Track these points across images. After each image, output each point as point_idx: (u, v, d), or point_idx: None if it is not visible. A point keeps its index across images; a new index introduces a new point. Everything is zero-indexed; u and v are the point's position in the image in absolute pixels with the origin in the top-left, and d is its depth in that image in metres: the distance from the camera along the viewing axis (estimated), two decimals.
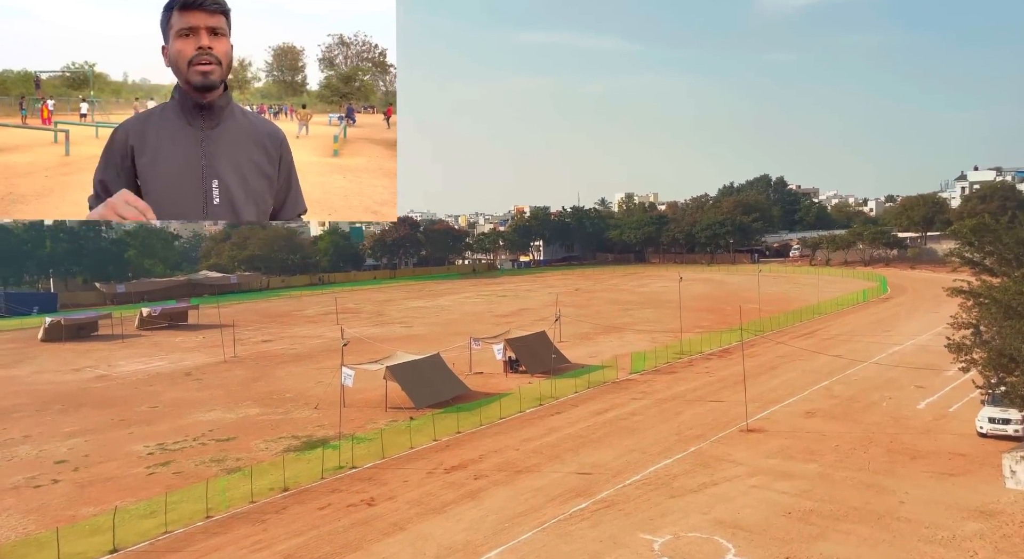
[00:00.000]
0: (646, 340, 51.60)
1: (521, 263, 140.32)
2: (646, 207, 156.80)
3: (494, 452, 27.36)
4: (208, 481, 24.05)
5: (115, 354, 51.22)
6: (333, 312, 69.14)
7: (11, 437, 30.89)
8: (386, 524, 20.89)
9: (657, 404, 34.11)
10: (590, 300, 78.30)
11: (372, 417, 32.69)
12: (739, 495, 22.29)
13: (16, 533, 20.85)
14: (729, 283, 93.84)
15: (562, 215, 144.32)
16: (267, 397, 37.38)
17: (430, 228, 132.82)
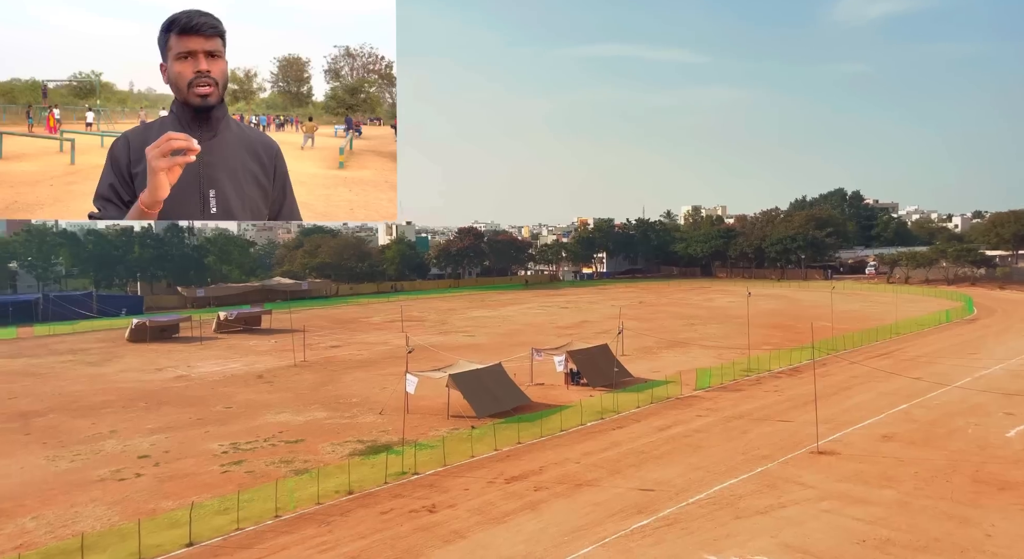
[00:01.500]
0: (712, 356, 50.44)
1: (583, 275, 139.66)
2: (713, 220, 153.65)
3: (554, 464, 27.25)
4: (277, 481, 24.85)
5: (194, 355, 53.65)
6: (398, 320, 70.47)
7: (99, 432, 32.72)
8: (447, 532, 21.08)
9: (722, 422, 33.26)
10: (654, 314, 77.17)
11: (434, 424, 33.10)
12: (809, 519, 21.47)
13: (101, 523, 22.05)
14: (800, 300, 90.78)
15: (626, 227, 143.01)
16: (334, 401, 38.37)
17: (493, 238, 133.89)
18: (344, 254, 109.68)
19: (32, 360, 51.60)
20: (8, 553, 19.67)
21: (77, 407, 37.30)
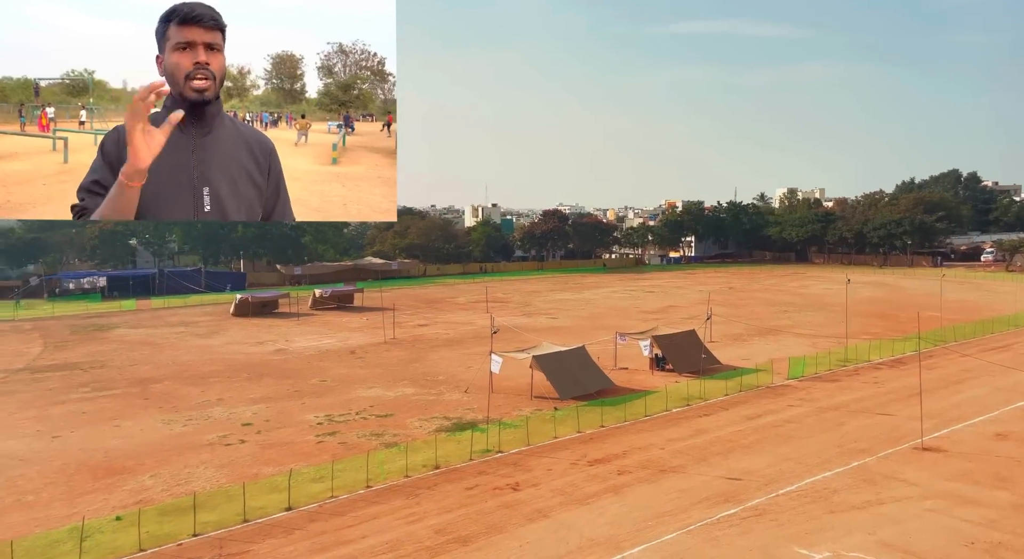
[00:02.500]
0: (806, 345, 48.41)
1: (671, 259, 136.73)
2: (811, 203, 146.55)
3: (638, 449, 27.05)
4: (368, 453, 25.91)
5: (291, 330, 56.42)
6: (483, 301, 71.45)
7: (208, 399, 35.09)
8: (530, 510, 21.38)
9: (816, 413, 31.95)
10: (744, 300, 74.73)
11: (518, 404, 33.50)
12: (911, 518, 20.38)
13: (211, 484, 23.71)
14: (905, 287, 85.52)
15: (717, 210, 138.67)
16: (422, 378, 39.48)
17: (578, 221, 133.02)
18: (431, 235, 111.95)
19: (150, 330, 55.77)
20: (131, 507, 21.51)
21: (188, 375, 40.09)
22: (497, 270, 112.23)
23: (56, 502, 22.19)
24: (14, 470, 24.93)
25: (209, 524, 20.26)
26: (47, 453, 26.80)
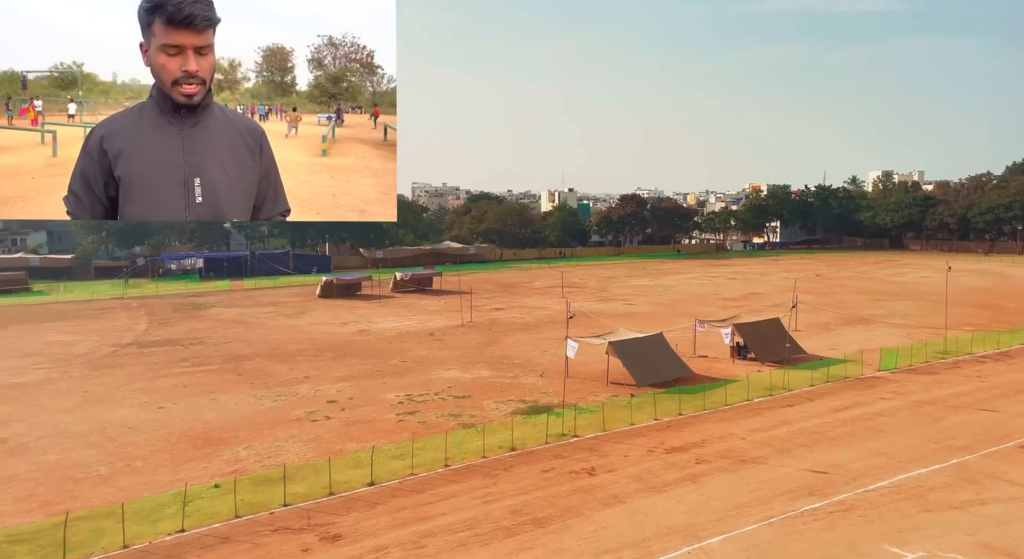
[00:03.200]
0: (899, 335, 45.92)
1: (754, 245, 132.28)
2: (908, 187, 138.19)
3: (718, 438, 26.49)
4: (447, 433, 26.49)
5: (374, 312, 58.17)
6: (559, 285, 71.36)
7: (295, 376, 36.72)
8: (606, 495, 21.36)
9: (911, 407, 30.34)
10: (832, 288, 71.53)
11: (593, 390, 33.39)
12: (1016, 519, 19.12)
13: (300, 458, 24.86)
14: (1014, 276, 79.61)
15: (804, 194, 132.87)
16: (498, 361, 39.93)
17: (657, 206, 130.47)
18: (508, 220, 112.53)
19: (242, 310, 58.76)
20: (227, 476, 22.85)
21: (277, 353, 42.04)
22: (573, 255, 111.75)
23: (161, 468, 23.84)
24: (124, 438, 26.93)
25: (298, 495, 21.28)
26: (153, 423, 28.78)
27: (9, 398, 32.20)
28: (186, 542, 18.57)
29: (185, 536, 18.87)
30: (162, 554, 17.94)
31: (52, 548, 17.91)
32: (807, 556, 17.38)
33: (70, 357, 40.70)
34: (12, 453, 25.21)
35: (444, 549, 18.14)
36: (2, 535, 18.48)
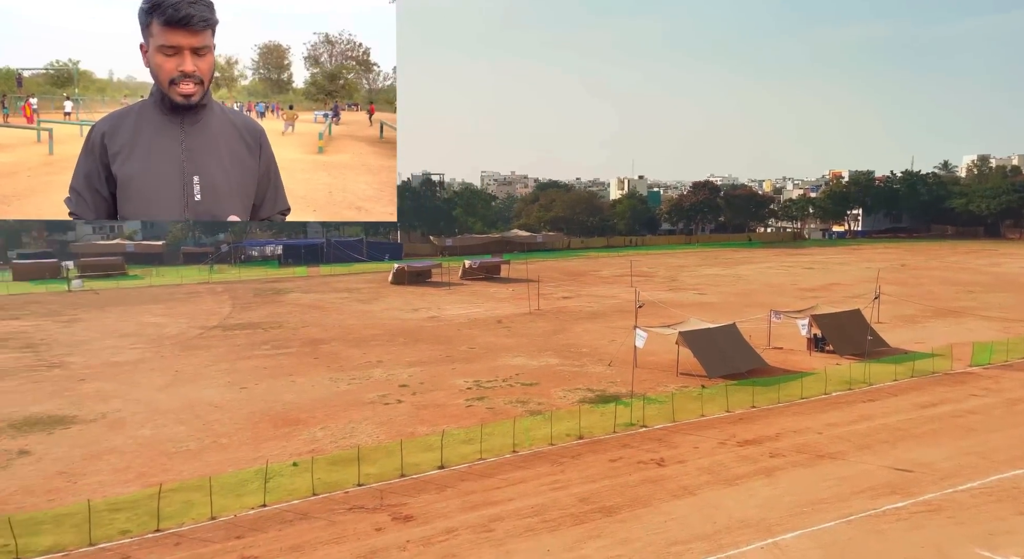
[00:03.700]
0: (994, 329, 43.23)
1: (834, 233, 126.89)
2: (1007, 172, 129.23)
3: (793, 432, 25.71)
4: (515, 419, 26.72)
5: (443, 299, 59.11)
6: (628, 274, 70.54)
7: (369, 361, 37.78)
8: (675, 486, 21.11)
9: (1006, 404, 28.58)
10: (919, 278, 67.91)
11: (662, 380, 32.96)
12: None
13: (372, 440, 25.63)
14: None
15: (889, 180, 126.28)
16: (565, 350, 39.91)
17: (731, 193, 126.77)
18: (576, 209, 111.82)
19: (318, 295, 60.81)
20: (305, 455, 23.81)
21: (352, 338, 43.34)
22: (643, 243, 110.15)
23: (244, 446, 25.05)
24: (211, 415, 28.41)
25: (371, 476, 21.96)
26: (236, 402, 30.25)
27: (109, 375, 34.48)
28: (267, 516, 19.49)
29: (266, 511, 19.81)
30: (246, 527, 18.90)
31: (147, 517, 19.14)
32: (890, 557, 16.71)
33: (162, 338, 43.16)
34: (111, 427, 27.03)
35: (512, 534, 18.37)
36: (103, 503, 19.87)
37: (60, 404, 29.74)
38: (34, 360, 37.43)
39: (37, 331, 45.01)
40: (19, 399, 30.48)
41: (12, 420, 27.61)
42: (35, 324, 47.22)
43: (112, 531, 18.53)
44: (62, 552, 17.54)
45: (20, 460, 23.64)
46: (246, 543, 18.03)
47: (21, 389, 32.05)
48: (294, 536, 18.38)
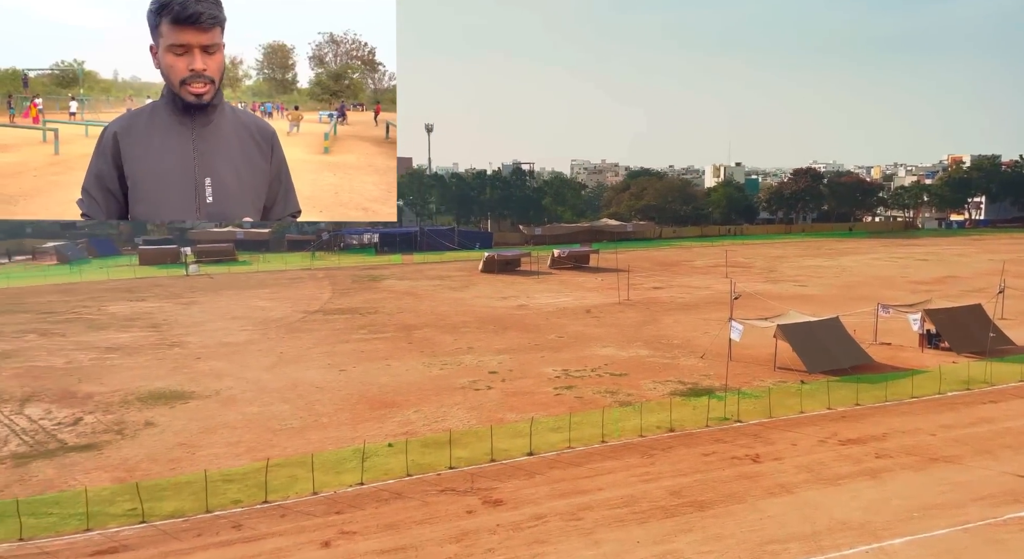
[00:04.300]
0: None
1: (951, 222, 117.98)
2: None
3: (902, 433, 24.24)
4: (604, 410, 26.58)
5: (532, 288, 59.42)
6: (722, 265, 68.41)
7: (459, 347, 38.56)
8: (771, 483, 20.39)
9: None
10: None
11: (758, 374, 31.83)
12: None
13: (463, 424, 26.19)
14: None
15: (1017, 165, 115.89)
16: (655, 341, 39.25)
17: (835, 180, 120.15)
18: (668, 197, 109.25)
19: (412, 283, 62.57)
20: (399, 437, 24.65)
21: (444, 324, 44.35)
22: (739, 233, 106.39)
23: (343, 426, 26.21)
24: (312, 396, 29.89)
25: (462, 459, 22.47)
26: (336, 383, 31.66)
27: (222, 355, 36.91)
28: (364, 494, 20.34)
29: (364, 489, 20.68)
30: (345, 503, 19.81)
31: (256, 489, 20.41)
32: None
33: (268, 321, 45.72)
34: (224, 403, 28.94)
35: (601, 523, 18.34)
36: (217, 474, 21.34)
37: (180, 380, 32.12)
38: (157, 339, 40.57)
39: (160, 312, 48.73)
40: (145, 374, 33.16)
41: (140, 394, 30.09)
42: (158, 306, 51.13)
43: (225, 500, 19.89)
44: (183, 517, 18.99)
45: (146, 431, 25.75)
46: (345, 519, 18.90)
47: (147, 365, 34.85)
48: (389, 514, 19.10)
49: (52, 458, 23.14)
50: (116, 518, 18.90)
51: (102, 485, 20.83)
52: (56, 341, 39.86)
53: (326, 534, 18.06)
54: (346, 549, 17.35)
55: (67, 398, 29.46)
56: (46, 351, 37.57)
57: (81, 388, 30.85)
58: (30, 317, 46.64)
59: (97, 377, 32.61)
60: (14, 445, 24.31)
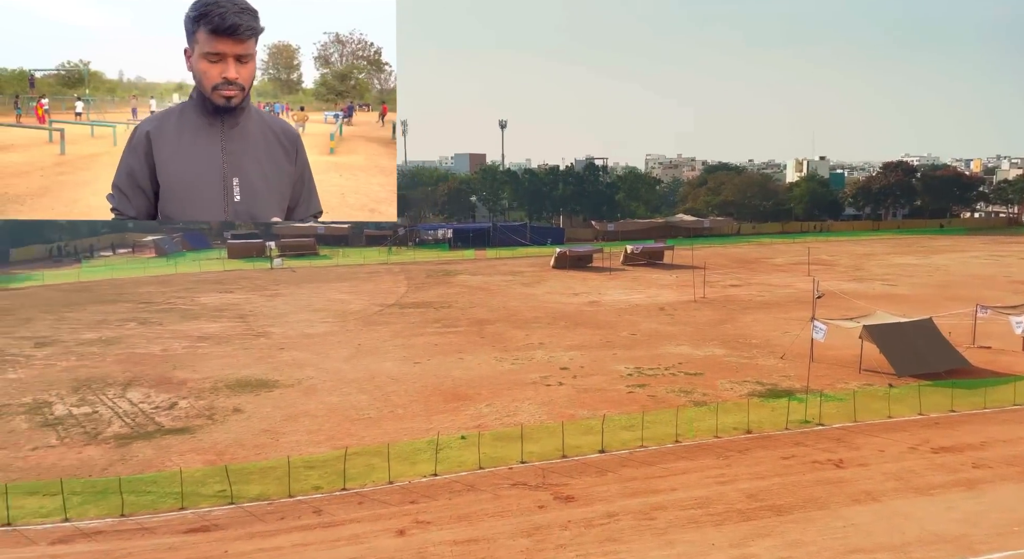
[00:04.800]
0: None
1: None
2: None
3: (1002, 442, 22.74)
4: (678, 409, 26.10)
5: (604, 284, 58.91)
6: (805, 262, 65.83)
7: (531, 342, 38.69)
8: (856, 490, 19.54)
9: None
10: None
11: (843, 376, 30.52)
12: None
13: (533, 419, 26.29)
14: None
15: None
16: (732, 340, 38.22)
17: (929, 174, 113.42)
18: (747, 192, 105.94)
19: (484, 278, 63.19)
20: (471, 430, 24.98)
21: (515, 320, 44.59)
22: (823, 229, 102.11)
23: (417, 417, 26.79)
24: (388, 387, 30.68)
25: (533, 454, 22.57)
26: (411, 375, 32.38)
27: (304, 346, 38.38)
28: (438, 485, 20.74)
29: (437, 480, 21.09)
30: (419, 493, 20.26)
31: (335, 476, 21.15)
32: None
33: (346, 313, 47.19)
34: (306, 392, 30.10)
35: (675, 524, 18.05)
36: (299, 460, 22.23)
37: (264, 369, 33.61)
38: (244, 329, 42.58)
39: (246, 303, 51.11)
40: (233, 363, 34.88)
41: (228, 381, 31.68)
42: (245, 297, 53.63)
43: (306, 486, 20.71)
44: (267, 501, 19.91)
45: (234, 417, 27.10)
46: (419, 508, 19.33)
47: (235, 354, 36.64)
48: (462, 506, 19.41)
49: (150, 440, 24.69)
50: (207, 498, 19.99)
51: (195, 467, 22.07)
52: (154, 329, 42.44)
53: (401, 522, 18.54)
54: (421, 538, 17.75)
55: (164, 383, 31.35)
56: (145, 339, 40.06)
57: (176, 374, 32.75)
58: (131, 306, 49.84)
59: (190, 364, 34.53)
60: (117, 426, 26.07)
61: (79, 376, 32.48)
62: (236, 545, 17.64)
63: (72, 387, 30.80)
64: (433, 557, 16.91)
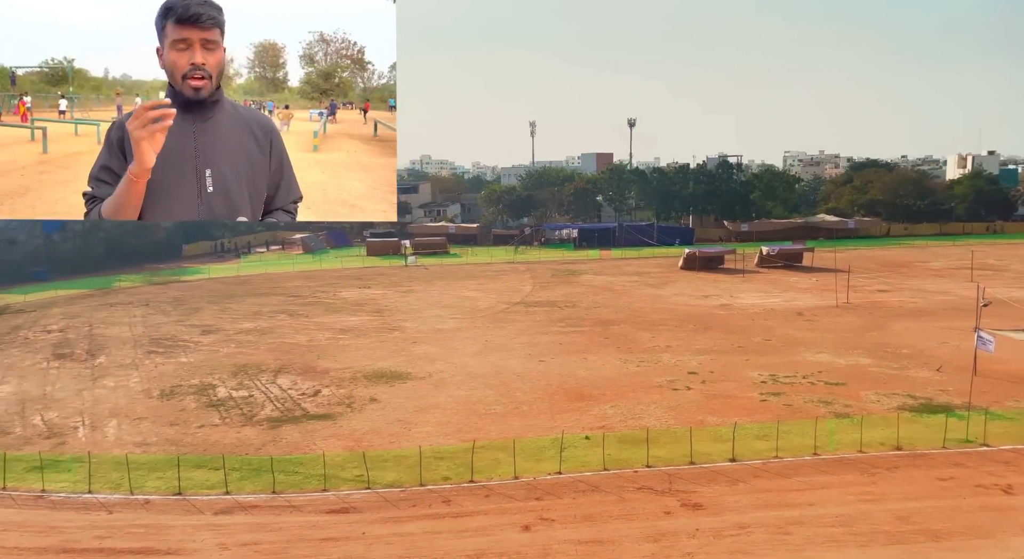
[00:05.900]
0: None
1: None
2: None
3: None
4: (816, 420, 24.59)
5: (736, 287, 56.55)
6: (967, 267, 59.72)
7: (657, 345, 37.91)
8: None
9: None
10: None
11: (1013, 393, 27.45)
12: None
13: (660, 423, 25.76)
14: None
15: None
16: (879, 349, 35.43)
17: None
18: (899, 190, 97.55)
19: (610, 278, 62.65)
20: (596, 430, 24.89)
21: (641, 321, 43.86)
22: (990, 231, 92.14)
23: (541, 415, 27.06)
24: (514, 384, 31.22)
25: (659, 459, 22.13)
26: (535, 373, 32.75)
27: (434, 340, 39.92)
28: (562, 484, 20.86)
29: (562, 478, 21.21)
30: (544, 490, 20.48)
31: (463, 469, 21.83)
32: None
33: (475, 310, 48.52)
34: (436, 386, 31.29)
35: (813, 541, 17.05)
36: (429, 451, 23.15)
37: (398, 362, 35.30)
38: (380, 323, 44.94)
39: (383, 299, 53.91)
40: (371, 355, 36.93)
41: (366, 372, 33.59)
42: (382, 293, 56.59)
43: (436, 476, 21.54)
44: (400, 488, 20.92)
45: (371, 406, 28.69)
46: (544, 505, 19.54)
47: (372, 347, 38.77)
48: (587, 506, 19.40)
49: (297, 424, 26.69)
50: (347, 482, 21.33)
51: (336, 452, 23.61)
52: (300, 321, 45.80)
53: (526, 518, 18.82)
54: (545, 535, 17.94)
55: (309, 372, 33.76)
56: (293, 330, 43.33)
57: (319, 364, 35.17)
58: (281, 299, 54.08)
59: (332, 355, 36.95)
60: (269, 410, 28.41)
61: (237, 362, 35.70)
62: (372, 528, 18.68)
63: (231, 372, 33.92)
64: (558, 555, 17.04)
